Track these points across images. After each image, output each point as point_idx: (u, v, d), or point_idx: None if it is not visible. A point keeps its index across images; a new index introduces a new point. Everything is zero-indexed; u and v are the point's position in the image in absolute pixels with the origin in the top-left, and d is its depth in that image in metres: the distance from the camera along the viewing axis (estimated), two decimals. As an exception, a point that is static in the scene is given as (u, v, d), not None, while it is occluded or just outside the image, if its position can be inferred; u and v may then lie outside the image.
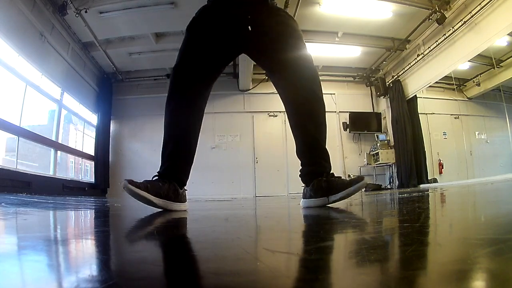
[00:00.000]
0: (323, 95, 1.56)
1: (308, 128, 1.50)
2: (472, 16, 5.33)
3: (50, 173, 5.88)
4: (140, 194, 1.31)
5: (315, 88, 1.53)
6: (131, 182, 1.31)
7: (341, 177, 1.48)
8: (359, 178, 1.41)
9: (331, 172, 1.48)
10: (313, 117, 1.51)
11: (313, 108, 1.52)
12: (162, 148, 1.49)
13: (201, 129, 1.57)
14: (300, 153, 1.55)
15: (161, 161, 1.49)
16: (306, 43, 1.59)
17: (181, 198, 1.47)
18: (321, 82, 1.56)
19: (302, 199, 1.54)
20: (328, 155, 1.52)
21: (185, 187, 1.53)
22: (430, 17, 5.89)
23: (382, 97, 8.25)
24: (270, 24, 1.54)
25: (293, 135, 1.56)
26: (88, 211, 1.71)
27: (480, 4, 5.11)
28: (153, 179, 1.42)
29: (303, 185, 1.54)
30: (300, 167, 1.55)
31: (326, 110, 1.56)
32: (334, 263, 0.46)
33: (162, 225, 1.02)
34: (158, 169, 1.48)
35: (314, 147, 1.51)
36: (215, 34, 1.53)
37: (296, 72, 1.52)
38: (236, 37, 1.54)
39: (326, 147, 1.53)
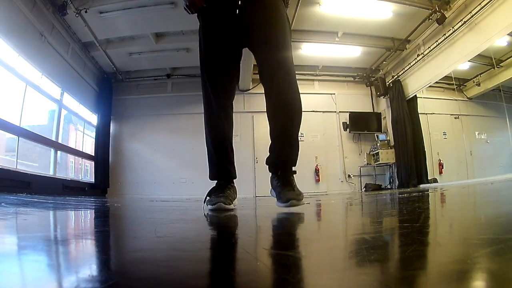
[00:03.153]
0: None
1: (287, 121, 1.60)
2: (472, 16, 5.32)
3: (50, 173, 5.88)
4: (228, 209, 1.44)
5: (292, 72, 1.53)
6: (224, 202, 1.44)
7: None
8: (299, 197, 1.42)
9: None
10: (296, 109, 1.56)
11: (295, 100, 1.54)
12: (209, 155, 1.61)
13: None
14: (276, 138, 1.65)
15: (213, 166, 1.61)
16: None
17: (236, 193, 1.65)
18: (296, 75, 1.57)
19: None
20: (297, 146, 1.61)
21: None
22: (430, 17, 5.89)
23: (382, 97, 8.24)
24: (258, 8, 1.53)
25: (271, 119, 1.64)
26: (88, 211, 1.71)
27: (480, 4, 5.11)
28: (219, 185, 1.56)
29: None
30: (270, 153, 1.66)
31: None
32: (335, 263, 0.46)
33: (163, 224, 1.02)
34: (211, 174, 1.60)
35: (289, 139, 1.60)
36: (217, 24, 1.56)
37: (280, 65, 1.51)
38: (231, 23, 1.54)
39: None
